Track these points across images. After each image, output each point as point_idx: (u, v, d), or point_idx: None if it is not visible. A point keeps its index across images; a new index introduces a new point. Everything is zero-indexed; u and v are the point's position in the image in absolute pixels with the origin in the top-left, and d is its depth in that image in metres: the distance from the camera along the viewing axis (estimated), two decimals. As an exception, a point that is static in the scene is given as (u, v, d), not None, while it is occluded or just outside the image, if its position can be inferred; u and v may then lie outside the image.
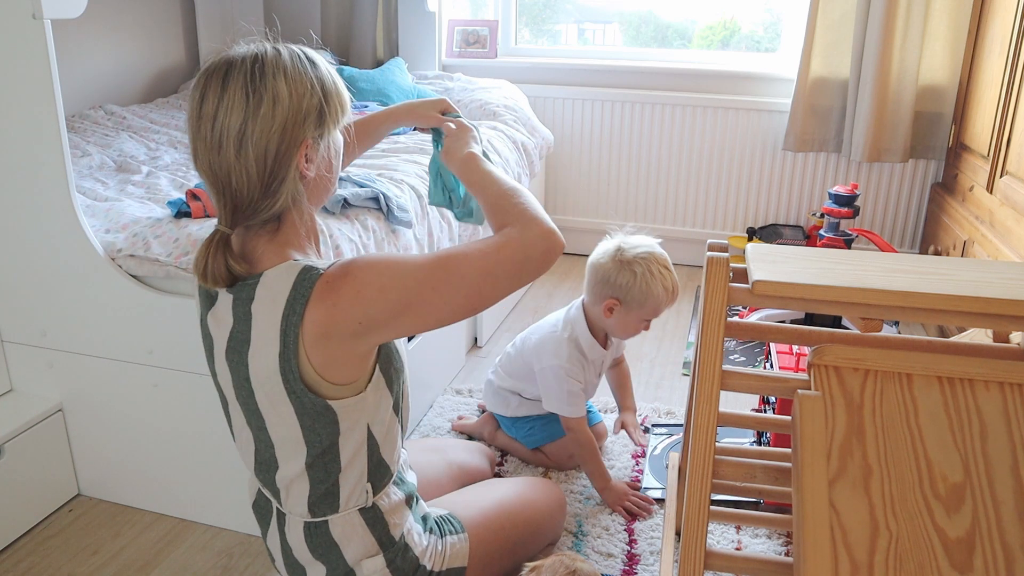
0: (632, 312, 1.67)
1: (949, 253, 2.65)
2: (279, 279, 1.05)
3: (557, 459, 1.88)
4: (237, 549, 1.64)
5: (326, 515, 1.17)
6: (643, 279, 1.63)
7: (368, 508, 1.18)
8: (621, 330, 1.73)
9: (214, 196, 1.07)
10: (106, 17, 2.75)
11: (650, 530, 1.69)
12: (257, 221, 1.08)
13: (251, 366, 1.09)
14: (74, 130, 2.39)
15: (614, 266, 1.65)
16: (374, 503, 1.19)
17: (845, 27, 2.87)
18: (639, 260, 1.64)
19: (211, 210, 1.66)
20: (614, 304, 1.67)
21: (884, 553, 0.97)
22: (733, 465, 1.23)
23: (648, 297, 1.64)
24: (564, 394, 1.74)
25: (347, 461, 1.14)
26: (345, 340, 1.05)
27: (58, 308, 1.66)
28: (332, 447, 1.12)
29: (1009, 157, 2.28)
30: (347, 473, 1.14)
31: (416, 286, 1.04)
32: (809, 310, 1.15)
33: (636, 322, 1.70)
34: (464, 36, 3.45)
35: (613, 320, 1.70)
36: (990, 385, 1.09)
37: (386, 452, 1.18)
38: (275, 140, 1.03)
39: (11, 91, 1.51)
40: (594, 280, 1.69)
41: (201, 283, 1.08)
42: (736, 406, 2.18)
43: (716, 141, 3.18)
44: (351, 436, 1.12)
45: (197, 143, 1.04)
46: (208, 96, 1.03)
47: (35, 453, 1.69)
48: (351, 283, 1.03)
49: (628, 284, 1.64)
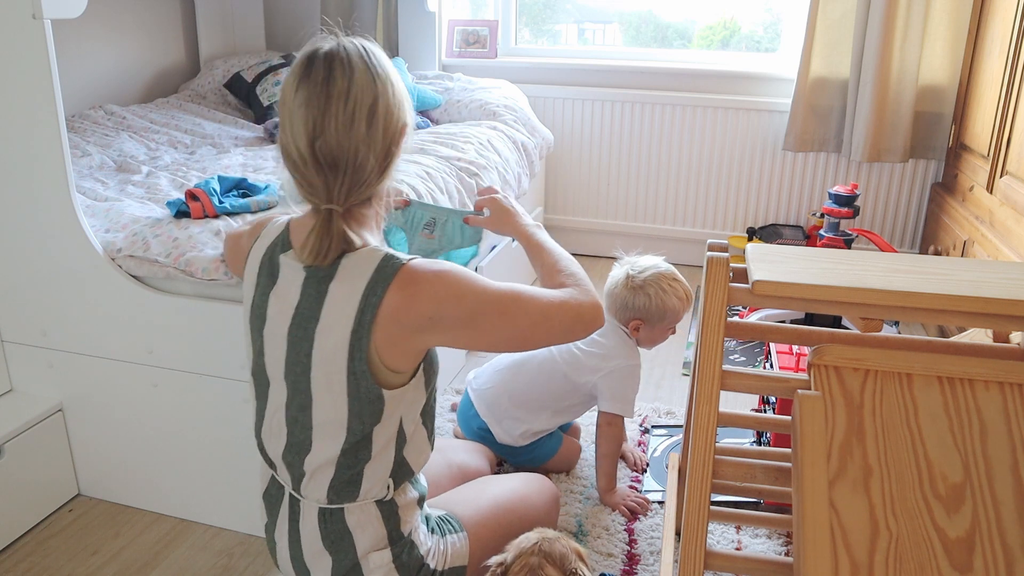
0: (656, 327, 1.80)
1: (949, 253, 2.65)
2: (362, 261, 1.12)
3: (556, 468, 1.90)
4: (237, 549, 1.64)
5: (343, 503, 1.19)
6: (657, 298, 1.76)
7: (385, 501, 1.21)
8: (651, 343, 1.85)
9: (328, 175, 1.10)
10: (106, 17, 2.75)
11: (650, 530, 1.69)
12: (360, 200, 1.14)
13: (317, 342, 1.13)
14: (74, 130, 2.39)
15: (629, 293, 1.77)
16: (392, 497, 1.21)
17: (845, 27, 2.87)
18: (649, 283, 1.77)
19: (210, 210, 1.67)
20: (639, 324, 1.79)
21: (884, 553, 0.97)
22: (733, 465, 1.23)
23: (667, 311, 1.78)
24: (633, 394, 1.80)
25: (376, 452, 1.17)
26: (409, 331, 1.11)
27: (58, 308, 1.66)
28: (367, 436, 1.15)
29: (1009, 157, 2.28)
30: (373, 464, 1.17)
31: (487, 306, 1.13)
32: (809, 310, 1.15)
33: (663, 332, 1.83)
34: (464, 36, 3.45)
35: (642, 336, 1.82)
36: (990, 385, 1.09)
37: (410, 451, 1.21)
38: (394, 118, 1.13)
39: (11, 91, 1.51)
40: (614, 307, 1.81)
41: (308, 262, 1.12)
42: (736, 406, 2.18)
43: (716, 141, 3.18)
44: (386, 428, 1.16)
45: (327, 121, 1.08)
46: (336, 76, 1.09)
47: (35, 453, 1.69)
48: (434, 281, 1.12)
49: (645, 305, 1.77)
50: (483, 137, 2.61)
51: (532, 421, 1.81)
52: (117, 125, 2.50)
